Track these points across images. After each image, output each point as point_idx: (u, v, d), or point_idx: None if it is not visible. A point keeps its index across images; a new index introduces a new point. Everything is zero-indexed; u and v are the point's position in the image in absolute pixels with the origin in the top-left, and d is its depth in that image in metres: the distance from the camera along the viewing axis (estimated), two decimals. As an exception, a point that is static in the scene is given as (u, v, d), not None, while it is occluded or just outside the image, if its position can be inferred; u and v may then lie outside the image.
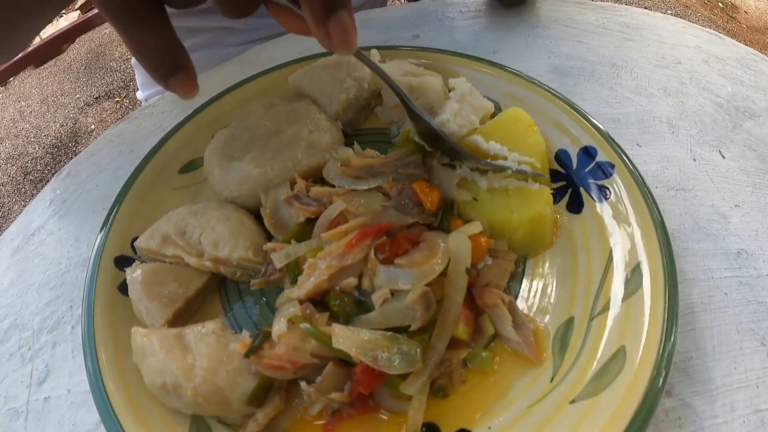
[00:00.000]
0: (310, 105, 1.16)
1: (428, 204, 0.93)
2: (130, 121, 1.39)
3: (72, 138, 4.66)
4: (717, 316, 0.95)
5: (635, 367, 0.77)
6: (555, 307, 0.92)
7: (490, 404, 0.83)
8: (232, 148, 1.08)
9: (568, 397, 0.80)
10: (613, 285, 0.89)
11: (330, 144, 1.08)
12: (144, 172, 1.12)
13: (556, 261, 0.97)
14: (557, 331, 0.89)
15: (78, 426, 0.90)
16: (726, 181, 1.15)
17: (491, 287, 0.91)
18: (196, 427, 0.85)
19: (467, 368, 0.87)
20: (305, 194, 0.98)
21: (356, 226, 0.89)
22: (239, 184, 1.03)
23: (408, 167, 0.98)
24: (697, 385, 0.87)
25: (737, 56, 1.48)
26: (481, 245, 0.91)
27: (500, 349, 0.88)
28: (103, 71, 5.29)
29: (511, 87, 1.16)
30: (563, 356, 0.86)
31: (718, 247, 1.03)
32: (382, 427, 0.84)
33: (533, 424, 0.79)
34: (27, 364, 0.98)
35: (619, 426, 0.73)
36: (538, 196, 0.96)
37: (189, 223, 0.98)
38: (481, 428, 0.81)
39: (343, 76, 1.16)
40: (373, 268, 0.86)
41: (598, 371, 0.81)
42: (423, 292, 0.81)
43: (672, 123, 1.26)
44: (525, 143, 1.02)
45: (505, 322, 0.87)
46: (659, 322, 0.80)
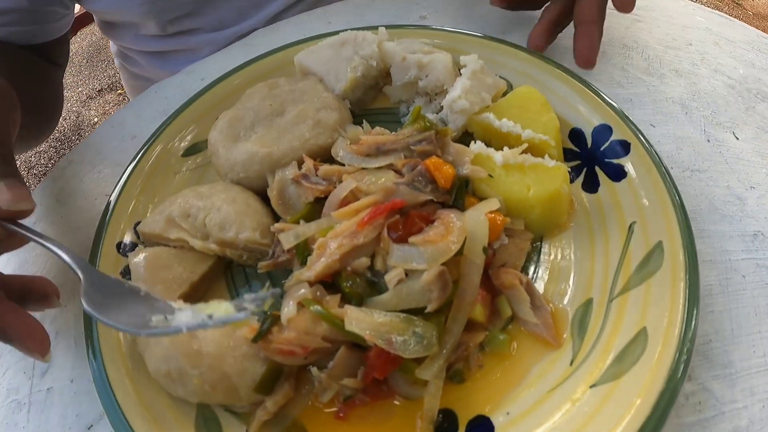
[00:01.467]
0: (316, 84, 1.14)
1: (442, 181, 0.90)
2: (132, 107, 1.39)
3: (75, 131, 4.61)
4: (735, 298, 0.93)
5: (658, 349, 0.76)
6: (573, 288, 0.90)
7: (508, 389, 0.81)
8: (237, 129, 1.06)
9: (589, 381, 0.78)
10: (632, 265, 0.87)
11: (338, 123, 1.06)
12: (146, 156, 1.10)
13: (573, 241, 0.95)
14: (576, 313, 0.87)
15: (81, 417, 0.89)
16: (740, 162, 1.13)
17: (508, 267, 0.89)
18: (203, 417, 0.83)
19: (484, 352, 0.85)
20: (314, 173, 0.96)
21: (368, 204, 0.87)
22: (245, 164, 1.01)
23: (420, 144, 0.95)
24: (717, 368, 0.86)
25: (748, 39, 1.46)
26: (498, 224, 0.88)
27: (517, 331, 0.87)
28: (105, 64, 5.21)
29: (522, 65, 1.14)
30: (582, 339, 0.84)
31: (734, 229, 1.02)
32: (396, 414, 0.82)
33: (553, 409, 0.77)
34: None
35: (643, 410, 0.71)
36: (555, 173, 0.93)
37: (194, 206, 0.96)
38: (499, 414, 0.79)
39: (351, 54, 1.14)
40: (386, 247, 0.83)
41: (620, 354, 0.79)
42: (439, 272, 0.78)
43: (685, 104, 1.25)
44: (538, 121, 1.00)
45: (523, 304, 0.85)
46: (681, 303, 0.79)
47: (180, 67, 1.49)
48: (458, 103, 1.04)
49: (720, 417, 0.82)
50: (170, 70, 1.52)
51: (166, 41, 1.69)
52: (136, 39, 1.74)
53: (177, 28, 1.62)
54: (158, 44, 1.71)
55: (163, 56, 1.78)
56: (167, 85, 1.40)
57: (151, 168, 1.10)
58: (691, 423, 0.81)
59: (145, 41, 1.72)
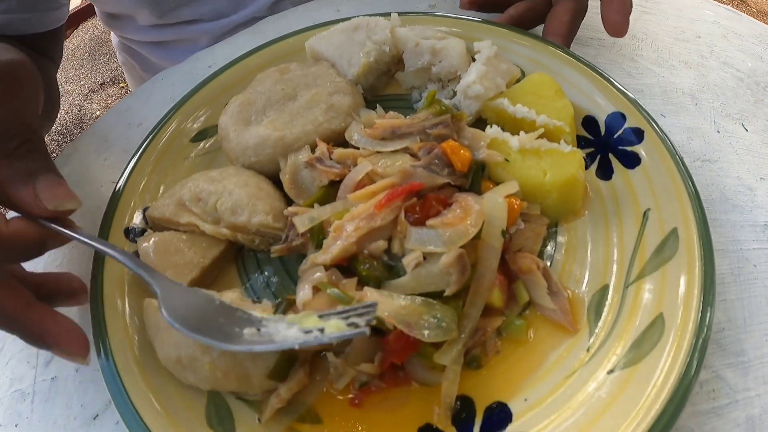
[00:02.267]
0: (328, 69, 1.13)
1: (459, 165, 0.89)
2: (139, 94, 1.37)
3: (77, 125, 4.56)
4: (747, 287, 0.93)
5: (675, 335, 0.75)
6: (589, 274, 0.89)
7: (526, 376, 0.80)
8: (249, 113, 1.04)
9: (606, 367, 0.78)
10: (648, 251, 0.87)
11: (351, 107, 1.05)
12: (155, 141, 1.08)
13: (588, 228, 0.94)
14: (592, 300, 0.86)
15: (86, 407, 0.87)
16: (750, 153, 1.13)
17: (524, 252, 0.89)
18: (214, 404, 0.82)
19: (501, 337, 0.84)
20: (327, 157, 0.94)
21: (385, 186, 0.85)
22: (257, 148, 0.99)
23: (436, 127, 0.94)
24: (730, 357, 0.86)
25: (755, 33, 1.46)
26: (515, 208, 0.87)
27: (534, 317, 0.86)
28: (108, 57, 5.14)
29: (535, 53, 1.13)
30: (599, 324, 0.83)
31: (745, 219, 1.02)
32: (411, 400, 0.81)
33: (571, 395, 0.77)
34: None
35: (662, 396, 0.70)
36: (572, 158, 0.92)
37: (205, 190, 0.94)
38: (517, 401, 0.78)
39: (363, 39, 1.13)
40: (403, 230, 0.82)
41: (637, 340, 0.78)
42: (458, 255, 0.77)
43: (694, 95, 1.25)
44: (552, 107, 0.99)
45: (540, 289, 0.84)
46: (698, 289, 0.78)
47: (181, 58, 1.47)
48: (473, 88, 1.03)
49: (733, 405, 0.82)
50: (172, 61, 1.51)
51: (165, 31, 1.68)
52: (135, 30, 1.73)
53: (174, 18, 1.61)
54: (157, 34, 1.71)
55: (163, 46, 1.78)
56: (174, 72, 1.39)
57: (160, 153, 1.08)
58: (705, 411, 0.81)
59: (145, 31, 1.71)
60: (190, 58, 1.40)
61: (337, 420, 0.80)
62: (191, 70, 1.35)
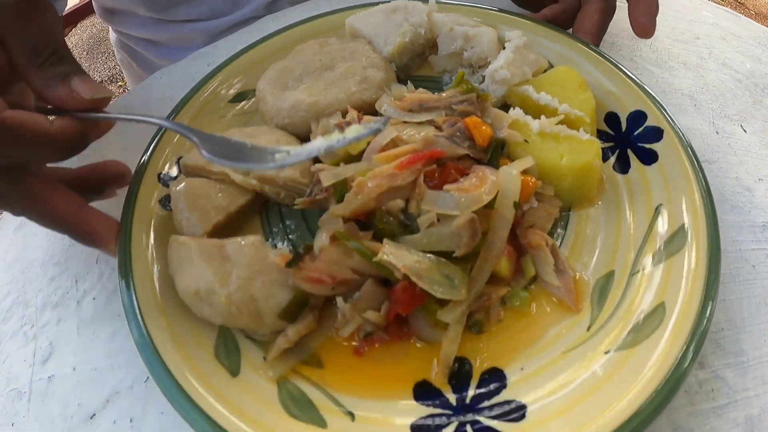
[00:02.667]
0: (365, 45, 1.03)
1: (479, 139, 0.80)
2: (137, 93, 1.17)
3: None
4: (746, 287, 0.82)
5: (675, 323, 0.67)
6: (596, 259, 0.79)
7: (524, 346, 0.72)
8: (286, 79, 0.96)
9: (604, 348, 0.69)
10: (656, 244, 0.77)
11: (384, 81, 0.95)
12: (192, 99, 0.97)
13: (600, 216, 0.85)
14: (597, 283, 0.77)
15: (84, 405, 0.74)
16: (749, 154, 1.00)
17: (535, 229, 0.79)
18: (223, 339, 0.73)
19: (505, 307, 0.75)
20: (357, 122, 0.85)
21: (408, 151, 0.77)
22: (291, 111, 0.91)
23: (462, 104, 0.85)
24: (729, 356, 0.75)
25: (754, 35, 1.31)
26: (529, 186, 0.78)
27: (538, 293, 0.76)
28: (105, 56, 4.52)
29: (564, 49, 1.02)
30: (601, 307, 0.74)
31: (743, 220, 0.90)
32: (412, 356, 0.72)
33: (566, 369, 0.68)
34: (30, 343, 0.80)
35: (656, 379, 0.63)
36: (589, 146, 0.83)
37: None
38: (513, 369, 0.70)
39: (401, 20, 1.03)
40: (421, 192, 0.74)
41: (636, 324, 0.70)
42: (470, 219, 0.69)
43: (693, 96, 1.11)
44: (575, 98, 0.89)
45: (547, 265, 0.76)
46: (701, 281, 0.70)
47: (178, 57, 1.27)
48: (500, 73, 0.93)
49: (732, 405, 0.71)
50: (170, 59, 1.32)
51: (162, 29, 1.47)
52: (132, 25, 1.52)
53: (171, 16, 1.42)
54: (155, 31, 1.49)
55: (161, 46, 1.55)
56: (173, 70, 1.19)
57: (198, 110, 0.97)
58: (704, 410, 0.70)
59: (142, 27, 1.50)
60: (189, 56, 1.21)
61: (337, 366, 0.71)
62: (190, 69, 1.17)
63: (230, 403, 0.65)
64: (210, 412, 0.63)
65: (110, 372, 0.75)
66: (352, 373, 0.71)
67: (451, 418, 0.65)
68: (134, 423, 0.70)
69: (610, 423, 0.61)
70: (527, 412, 0.65)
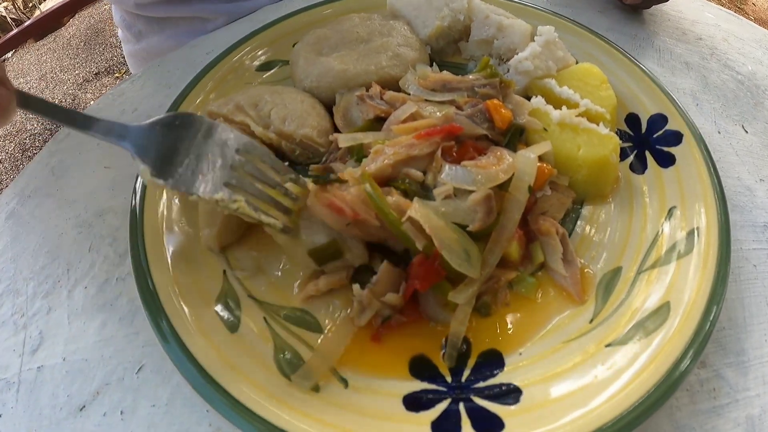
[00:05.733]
0: (404, 25, 0.95)
1: (499, 122, 0.74)
2: (133, 80, 1.05)
3: None
4: (747, 287, 0.74)
5: (678, 322, 0.63)
6: (605, 255, 0.74)
7: (526, 332, 0.67)
8: (322, 46, 0.89)
9: (605, 341, 0.64)
10: (666, 245, 0.71)
11: (414, 60, 0.89)
12: (221, 63, 0.92)
13: (613, 212, 0.78)
14: (603, 277, 0.71)
15: (73, 397, 0.66)
16: (750, 155, 0.91)
17: (547, 216, 0.73)
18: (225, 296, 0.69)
19: (512, 291, 0.69)
20: (379, 97, 0.79)
21: (427, 124, 0.71)
22: (320, 75, 0.85)
23: (484, 87, 0.78)
24: (730, 356, 0.68)
25: (755, 37, 1.19)
26: (545, 172, 0.72)
27: (545, 282, 0.71)
28: (103, 47, 4.35)
29: (592, 48, 0.95)
30: (606, 301, 0.68)
31: (745, 219, 0.81)
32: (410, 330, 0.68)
33: (564, 358, 0.64)
34: (20, 332, 0.73)
35: (654, 376, 0.59)
36: (607, 141, 0.75)
37: (264, 99, 0.81)
38: (512, 352, 0.65)
39: (441, 4, 0.94)
40: (438, 166, 0.68)
41: (640, 321, 0.65)
42: (487, 195, 0.63)
43: (696, 96, 1.01)
44: (597, 95, 0.82)
45: (556, 253, 0.70)
46: (708, 284, 0.65)
47: (184, 39, 1.16)
48: (523, 64, 0.84)
49: (734, 404, 0.64)
50: (175, 42, 1.20)
51: (174, 7, 1.29)
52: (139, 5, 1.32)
53: None
54: (165, 10, 1.31)
55: (168, 24, 1.36)
56: (171, 58, 1.08)
57: (225, 73, 0.92)
58: (706, 410, 0.64)
59: (151, 7, 1.31)
60: (188, 44, 1.11)
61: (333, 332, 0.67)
62: (188, 56, 1.06)
63: (226, 358, 0.60)
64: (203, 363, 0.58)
65: (101, 363, 0.66)
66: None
67: (444, 395, 0.59)
68: (125, 415, 0.63)
69: (605, 415, 0.56)
70: (522, 396, 0.59)
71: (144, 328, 0.66)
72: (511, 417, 0.59)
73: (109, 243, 0.76)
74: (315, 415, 0.57)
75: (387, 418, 0.59)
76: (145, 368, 0.65)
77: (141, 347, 0.66)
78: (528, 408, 0.60)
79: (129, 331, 0.67)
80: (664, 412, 0.61)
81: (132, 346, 0.66)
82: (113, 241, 0.76)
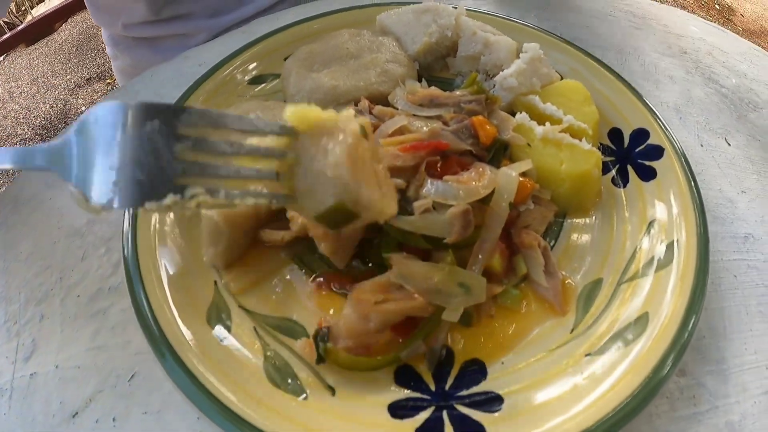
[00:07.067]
0: (393, 41, 0.98)
1: (484, 138, 0.76)
2: (126, 90, 1.08)
3: (62, 120, 3.83)
4: (727, 297, 0.76)
5: (656, 332, 0.65)
6: (586, 267, 0.76)
7: (508, 342, 0.69)
8: (313, 61, 0.92)
9: (585, 350, 0.66)
10: (645, 257, 0.74)
11: (402, 76, 0.91)
12: (212, 78, 0.93)
13: (594, 225, 0.80)
14: (584, 289, 0.73)
15: (66, 404, 0.67)
16: (732, 167, 0.93)
17: (529, 230, 0.75)
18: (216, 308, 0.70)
19: (497, 304, 0.72)
20: (368, 111, 0.82)
21: (413, 138, 0.73)
22: (311, 91, 0.87)
23: (470, 103, 0.81)
24: (710, 364, 0.69)
25: (740, 50, 1.20)
26: (527, 187, 0.74)
27: (527, 294, 0.73)
28: (95, 52, 4.32)
29: (576, 64, 0.98)
30: (586, 312, 0.71)
31: (726, 231, 0.83)
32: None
33: (546, 368, 0.66)
34: (13, 339, 0.73)
35: (631, 384, 0.61)
36: (589, 156, 0.78)
37: (255, 114, 0.83)
38: (494, 362, 0.67)
39: (429, 21, 0.97)
40: (421, 179, 0.70)
41: (619, 331, 0.67)
42: (464, 210, 0.66)
43: (679, 109, 1.03)
44: (580, 111, 0.85)
45: (538, 266, 0.72)
46: (687, 296, 0.67)
47: (173, 54, 1.17)
48: (508, 81, 0.87)
49: (713, 411, 0.66)
50: (163, 57, 1.19)
51: (159, 26, 1.32)
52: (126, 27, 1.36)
53: (171, 12, 1.28)
54: (150, 30, 1.34)
55: (155, 42, 1.39)
56: (163, 69, 1.09)
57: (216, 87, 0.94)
58: (686, 416, 0.65)
59: (137, 28, 1.34)
60: (180, 55, 1.12)
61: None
62: (180, 68, 1.08)
63: (216, 366, 0.62)
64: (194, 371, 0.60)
65: (93, 370, 0.67)
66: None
67: (428, 403, 0.61)
68: (117, 422, 0.63)
69: (584, 422, 0.57)
70: (504, 404, 0.61)
71: (136, 336, 0.67)
72: (493, 424, 0.60)
73: (102, 253, 0.77)
74: (302, 422, 0.59)
75: (372, 425, 0.60)
76: (137, 376, 0.66)
77: (133, 355, 0.66)
78: (510, 415, 0.61)
79: (121, 340, 0.68)
80: (644, 419, 0.62)
81: (124, 354, 0.66)
82: (106, 251, 0.77)
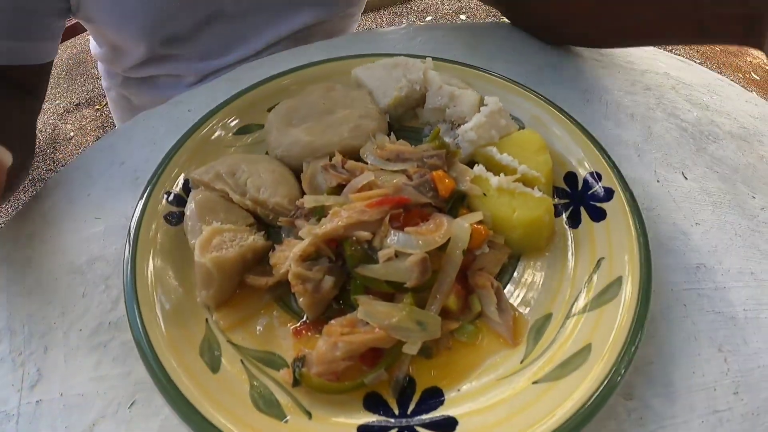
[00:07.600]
0: (365, 95, 1.05)
1: (442, 191, 0.84)
2: (121, 133, 1.11)
3: (50, 144, 3.84)
4: (677, 325, 0.81)
5: (597, 362, 0.71)
6: (537, 302, 0.82)
7: (465, 371, 0.76)
8: (292, 117, 0.99)
9: (533, 378, 0.73)
10: (593, 293, 0.80)
11: (374, 130, 0.98)
12: (202, 127, 1.00)
13: (546, 265, 0.86)
14: (535, 323, 0.80)
15: (70, 428, 0.73)
16: (688, 200, 0.97)
17: (484, 272, 0.83)
18: (207, 342, 0.79)
19: (453, 338, 0.80)
20: (341, 166, 0.90)
21: (379, 194, 0.82)
22: (290, 145, 0.95)
23: (432, 158, 0.90)
24: (658, 387, 0.74)
25: (704, 82, 1.24)
26: (482, 234, 0.82)
27: (482, 328, 0.81)
28: (84, 78, 4.36)
29: (536, 110, 1.04)
30: (536, 344, 0.77)
31: (678, 262, 0.87)
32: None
33: (497, 393, 0.73)
34: (18, 369, 0.79)
35: (574, 407, 0.68)
36: (540, 203, 0.85)
37: (240, 168, 0.90)
38: (451, 389, 0.75)
39: (400, 76, 1.05)
40: (385, 231, 0.78)
41: (564, 361, 0.73)
42: (422, 258, 0.73)
43: (638, 146, 1.08)
44: (534, 160, 0.91)
45: (490, 303, 0.79)
46: (628, 327, 0.73)
47: (162, 92, 1.22)
48: (468, 134, 0.94)
49: (661, 430, 0.71)
50: (152, 95, 1.27)
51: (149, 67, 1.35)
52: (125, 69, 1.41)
53: (165, 50, 1.28)
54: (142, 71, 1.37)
55: (148, 80, 1.44)
56: (154, 114, 1.14)
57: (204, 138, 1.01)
58: None
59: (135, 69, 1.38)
60: (171, 101, 1.15)
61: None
62: (171, 113, 1.13)
63: (209, 394, 0.70)
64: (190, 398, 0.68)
65: (96, 398, 0.73)
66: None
67: (392, 425, 0.70)
68: None
69: None
70: (458, 425, 0.69)
71: (136, 367, 0.74)
72: (449, 443, 0.60)
73: (102, 290, 0.84)
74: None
75: (344, 445, 0.60)
76: (137, 403, 0.73)
77: (133, 384, 0.73)
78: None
79: (122, 370, 0.75)
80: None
81: (125, 384, 0.73)
82: (105, 288, 0.84)
